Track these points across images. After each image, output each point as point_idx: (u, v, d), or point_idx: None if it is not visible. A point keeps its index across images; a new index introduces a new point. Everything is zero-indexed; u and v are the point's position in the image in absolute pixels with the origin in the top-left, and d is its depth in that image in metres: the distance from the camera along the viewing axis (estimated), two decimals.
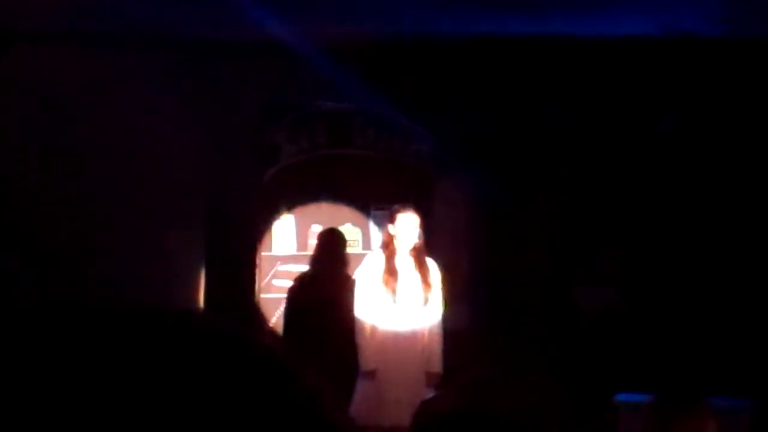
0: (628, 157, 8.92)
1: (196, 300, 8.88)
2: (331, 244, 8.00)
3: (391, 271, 7.07)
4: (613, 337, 8.45)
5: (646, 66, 8.75)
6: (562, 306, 8.72)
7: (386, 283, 7.05)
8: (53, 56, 8.59)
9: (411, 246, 7.09)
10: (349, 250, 8.42)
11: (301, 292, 7.91)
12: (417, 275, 7.09)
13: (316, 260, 8.02)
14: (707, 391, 6.78)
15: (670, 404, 4.77)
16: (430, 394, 6.79)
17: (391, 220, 7.16)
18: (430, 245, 7.34)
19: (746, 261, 8.64)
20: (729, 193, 8.74)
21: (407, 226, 7.06)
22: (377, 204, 9.08)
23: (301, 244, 9.11)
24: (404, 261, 7.12)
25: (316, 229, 8.80)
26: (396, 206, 7.26)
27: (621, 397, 7.17)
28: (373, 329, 7.03)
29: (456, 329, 7.57)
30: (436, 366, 7.05)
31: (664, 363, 8.11)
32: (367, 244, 9.09)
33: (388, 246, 7.14)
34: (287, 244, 9.21)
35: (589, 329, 8.56)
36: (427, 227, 7.44)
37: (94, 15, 8.02)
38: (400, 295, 7.06)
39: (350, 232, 9.04)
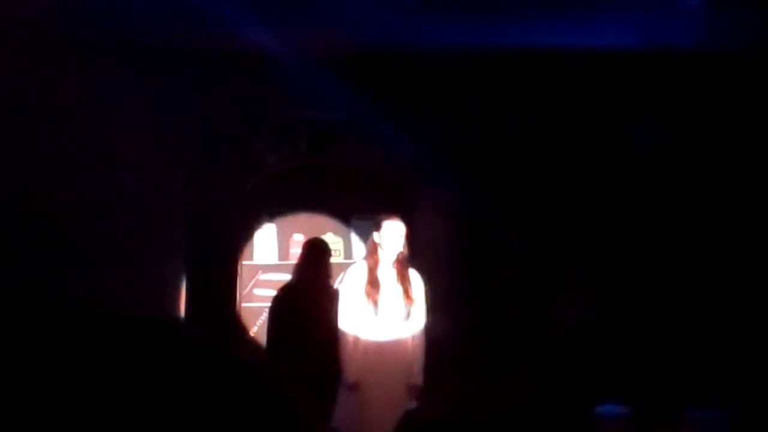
0: (608, 167, 8.96)
1: (177, 308, 8.86)
2: (315, 253, 7.98)
3: (373, 283, 7.06)
4: (592, 348, 8.48)
5: (627, 77, 8.80)
6: (542, 316, 8.75)
7: (368, 294, 7.04)
8: (32, 65, 8.57)
9: (395, 255, 7.08)
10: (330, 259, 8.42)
11: (284, 301, 7.89)
12: (399, 288, 7.09)
13: (299, 269, 8.00)
14: (686, 403, 6.82)
15: (650, 415, 4.81)
16: (411, 405, 6.79)
17: (377, 227, 7.16)
18: (411, 255, 7.35)
19: (725, 272, 8.68)
20: (708, 204, 8.79)
21: (393, 233, 7.06)
22: (359, 213, 9.10)
23: (283, 254, 9.11)
24: (387, 272, 7.11)
25: (298, 238, 8.81)
26: (382, 214, 7.26)
27: (601, 408, 7.20)
28: (356, 341, 7.02)
29: (436, 339, 7.57)
30: (418, 378, 7.05)
31: (643, 374, 8.15)
32: (348, 253, 9.10)
33: (372, 255, 7.13)
34: (269, 253, 9.20)
35: (569, 340, 8.59)
36: (408, 237, 7.45)
37: (74, 24, 8.01)
38: (382, 306, 7.05)
39: (332, 241, 9.04)
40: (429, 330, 7.27)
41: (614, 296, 8.79)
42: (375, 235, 7.16)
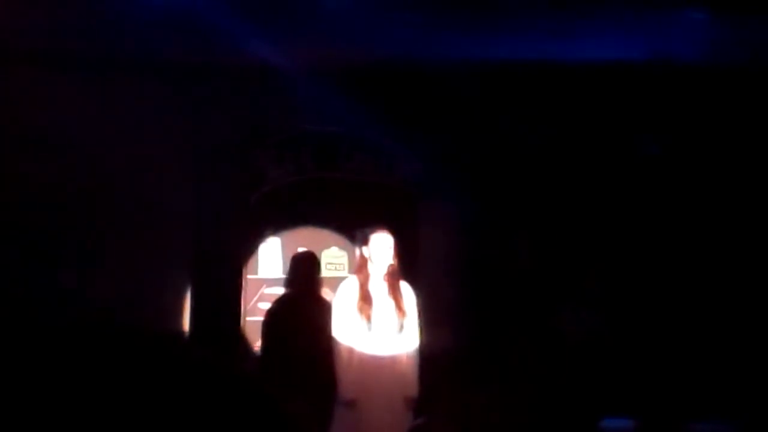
0: (613, 179, 8.96)
1: (181, 322, 8.87)
2: (305, 266, 7.95)
3: (365, 297, 7.01)
4: (597, 362, 8.47)
5: (631, 90, 8.80)
6: (547, 331, 8.74)
7: (361, 309, 6.99)
8: (40, 79, 8.59)
9: (385, 268, 7.03)
10: (335, 273, 8.41)
11: (277, 315, 7.87)
12: (391, 301, 7.05)
13: (292, 283, 7.97)
14: (690, 416, 6.81)
15: (654, 429, 4.80)
16: (408, 418, 6.78)
17: (365, 242, 7.12)
18: (415, 268, 7.33)
19: (731, 285, 8.68)
20: (713, 216, 8.79)
21: (381, 246, 7.02)
22: (362, 227, 9.08)
23: (287, 268, 9.11)
24: (379, 286, 7.07)
25: None
26: (370, 228, 7.21)
27: (606, 422, 7.19)
28: (351, 356, 6.97)
29: (440, 354, 7.57)
30: (412, 390, 7.00)
31: (647, 388, 8.14)
32: (352, 267, 9.10)
33: (362, 270, 7.09)
34: (273, 267, 9.21)
35: (574, 354, 8.58)
36: (412, 250, 7.45)
37: (79, 39, 8.04)
38: (374, 321, 7.01)
39: (336, 255, 9.05)
40: (432, 344, 7.25)
41: (618, 310, 8.79)
42: (363, 249, 7.12)
